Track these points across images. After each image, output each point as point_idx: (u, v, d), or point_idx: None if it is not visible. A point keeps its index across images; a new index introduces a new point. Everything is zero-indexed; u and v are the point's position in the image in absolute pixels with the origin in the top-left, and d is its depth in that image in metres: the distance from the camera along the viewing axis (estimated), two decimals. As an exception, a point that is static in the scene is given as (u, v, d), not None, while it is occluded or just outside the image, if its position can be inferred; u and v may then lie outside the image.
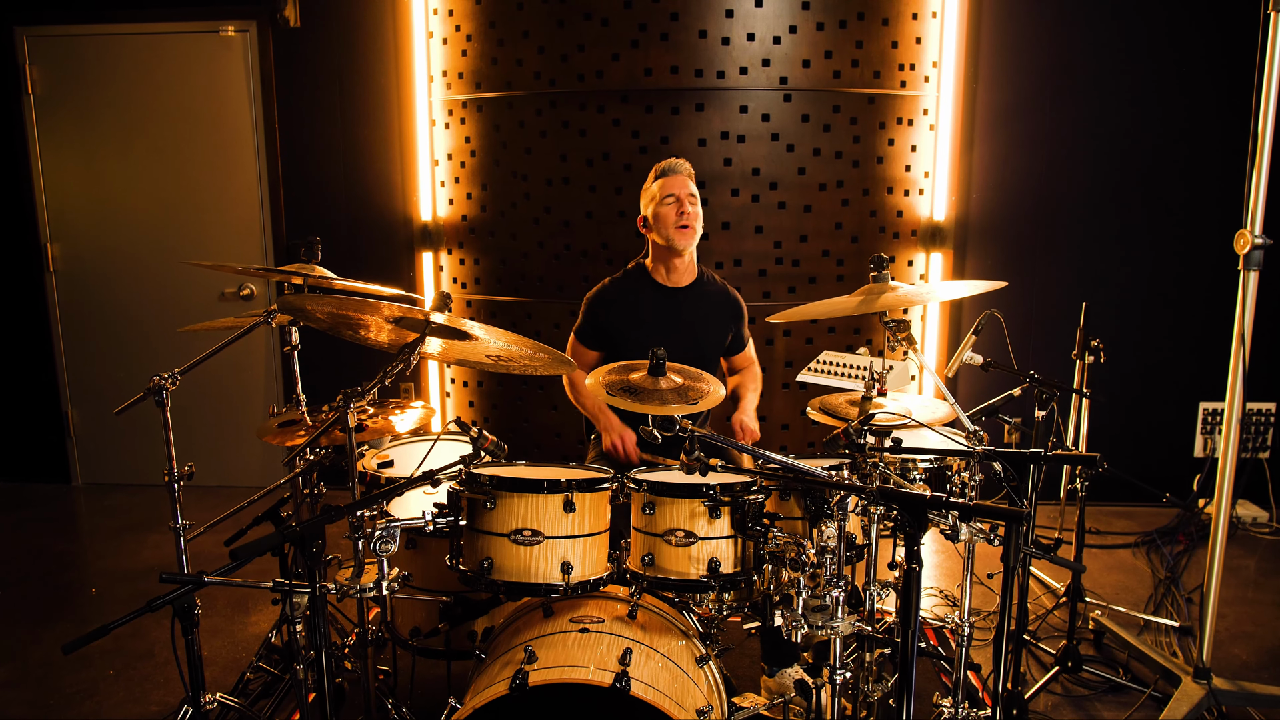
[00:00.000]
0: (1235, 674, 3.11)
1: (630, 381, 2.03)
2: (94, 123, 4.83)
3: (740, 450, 1.97)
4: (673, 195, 2.98)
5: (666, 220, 2.99)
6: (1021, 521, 1.37)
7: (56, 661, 3.21)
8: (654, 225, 3.03)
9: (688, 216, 2.97)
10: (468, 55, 4.29)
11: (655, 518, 2.09)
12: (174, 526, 2.26)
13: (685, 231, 2.98)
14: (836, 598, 1.93)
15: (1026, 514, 1.40)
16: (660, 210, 2.99)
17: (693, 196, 3.00)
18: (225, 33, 4.68)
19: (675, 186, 2.99)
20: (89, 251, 4.98)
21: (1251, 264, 2.60)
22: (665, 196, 2.99)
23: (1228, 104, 4.39)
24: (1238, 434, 2.72)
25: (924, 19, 4.19)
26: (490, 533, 2.07)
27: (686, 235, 2.99)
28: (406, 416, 2.44)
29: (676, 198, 2.98)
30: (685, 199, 2.98)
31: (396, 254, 4.74)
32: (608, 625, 2.13)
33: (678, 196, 2.98)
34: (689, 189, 3.01)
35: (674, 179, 3.01)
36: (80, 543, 4.44)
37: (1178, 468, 4.70)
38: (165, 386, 2.19)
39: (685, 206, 2.97)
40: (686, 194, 2.99)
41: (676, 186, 2.99)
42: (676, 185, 3.00)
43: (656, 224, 3.02)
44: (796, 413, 4.32)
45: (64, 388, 5.10)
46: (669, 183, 3.00)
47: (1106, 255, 4.57)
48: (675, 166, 3.04)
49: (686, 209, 2.97)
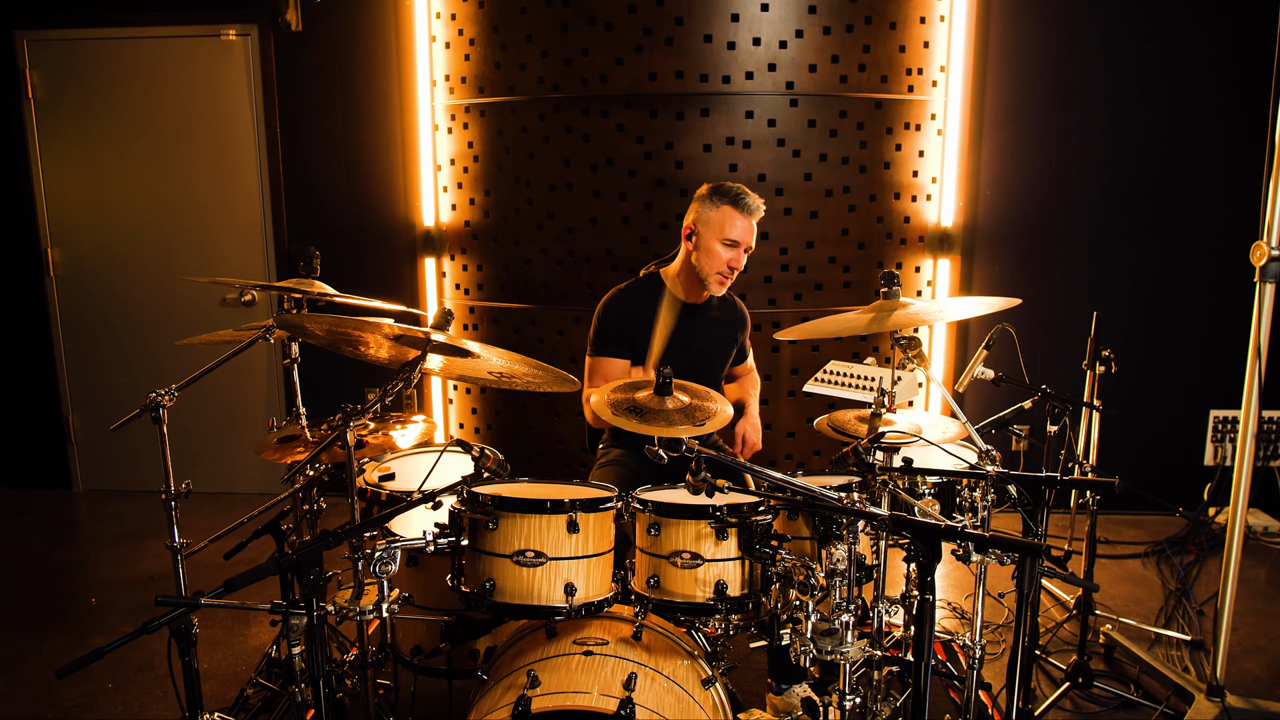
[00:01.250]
0: (1248, 690, 3.06)
1: (636, 401, 1.98)
2: (94, 127, 4.80)
3: (749, 472, 1.92)
4: (736, 242, 2.74)
5: (714, 261, 2.75)
6: (1039, 555, 1.33)
7: (55, 673, 3.17)
8: (699, 249, 2.79)
9: (736, 269, 2.78)
10: (470, 59, 4.25)
11: (661, 539, 2.05)
12: (171, 545, 2.23)
13: (724, 281, 2.80)
14: (846, 622, 1.89)
15: (1045, 548, 1.36)
16: (714, 246, 2.74)
17: (751, 249, 2.78)
18: (226, 37, 4.64)
19: (743, 233, 2.74)
20: (89, 256, 4.95)
21: (1268, 276, 2.56)
22: (728, 238, 2.73)
23: (1239, 109, 4.34)
24: (1253, 450, 2.68)
25: (931, 23, 4.14)
26: (492, 553, 2.03)
27: (723, 285, 2.81)
28: (408, 432, 2.40)
29: (738, 247, 2.75)
30: (742, 253, 2.76)
31: (398, 260, 4.70)
32: (612, 647, 2.09)
33: (739, 246, 2.75)
34: (751, 241, 2.76)
35: (745, 221, 2.73)
36: (80, 551, 4.40)
37: (1188, 476, 4.64)
38: (162, 403, 2.15)
39: (739, 260, 2.76)
40: (748, 244, 2.76)
41: (744, 234, 2.74)
42: (744, 232, 2.74)
43: (702, 253, 2.78)
44: (802, 421, 4.28)
45: (64, 393, 5.07)
46: (739, 224, 2.72)
47: (1116, 261, 4.52)
48: (753, 207, 2.74)
49: (739, 263, 2.76)
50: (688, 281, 2.90)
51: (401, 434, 2.39)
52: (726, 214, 2.73)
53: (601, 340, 2.91)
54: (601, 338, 2.91)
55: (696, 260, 2.81)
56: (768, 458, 4.30)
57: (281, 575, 2.50)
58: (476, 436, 4.63)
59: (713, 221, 2.75)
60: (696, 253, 2.81)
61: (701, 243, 2.78)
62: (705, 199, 2.79)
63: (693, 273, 2.85)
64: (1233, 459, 4.55)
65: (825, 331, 2.18)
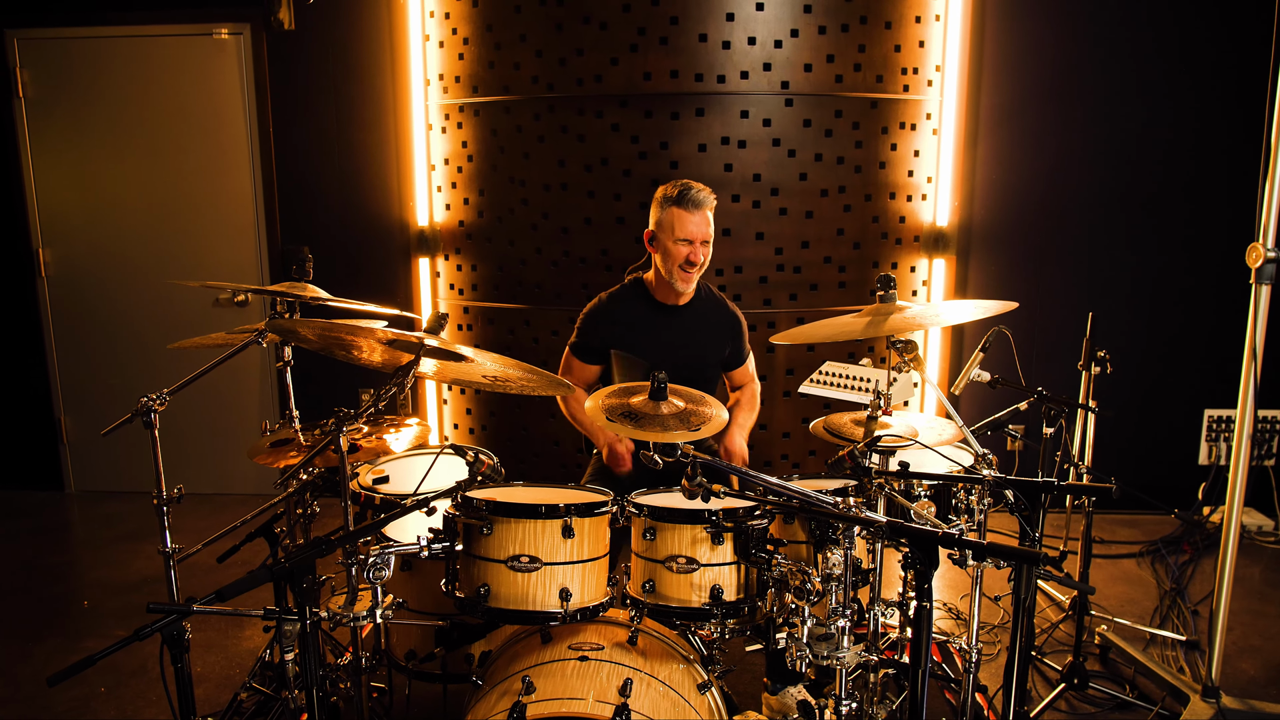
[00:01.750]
0: (1243, 690, 3.07)
1: (631, 406, 1.97)
2: (86, 126, 4.77)
3: (745, 477, 1.91)
4: (688, 239, 2.78)
5: (673, 258, 2.81)
6: (1037, 563, 1.32)
7: (47, 678, 3.16)
8: (659, 252, 2.86)
9: (695, 263, 2.80)
10: (464, 59, 4.23)
11: (656, 543, 2.04)
12: (163, 550, 2.21)
13: (688, 275, 2.82)
14: (842, 627, 1.88)
15: (1042, 556, 1.35)
16: (670, 246, 2.80)
17: (708, 240, 2.81)
18: (218, 35, 4.61)
19: (693, 229, 2.78)
20: (81, 256, 4.92)
21: (1264, 278, 2.55)
22: (680, 237, 2.78)
23: (1238, 108, 4.33)
24: (1249, 451, 2.68)
25: (927, 22, 4.13)
26: (487, 559, 2.02)
27: (688, 279, 2.84)
28: (402, 435, 2.39)
29: (691, 242, 2.78)
30: (699, 246, 2.79)
31: (392, 260, 4.68)
32: (607, 652, 2.08)
33: (693, 241, 2.78)
34: (706, 233, 2.80)
35: (694, 218, 2.77)
36: (73, 553, 4.38)
37: (1182, 475, 4.65)
38: (153, 407, 2.13)
39: (697, 254, 2.79)
40: (701, 239, 2.79)
41: (694, 230, 2.78)
42: (694, 228, 2.78)
43: (662, 255, 2.84)
44: (798, 421, 4.27)
45: (56, 394, 5.04)
46: (687, 222, 2.77)
47: (1111, 260, 4.52)
48: (699, 199, 2.78)
49: (697, 255, 2.79)
50: (661, 284, 2.95)
51: (395, 437, 2.38)
52: (674, 215, 2.80)
53: (580, 343, 3.04)
54: (580, 341, 3.04)
55: (660, 262, 2.89)
56: (763, 458, 4.29)
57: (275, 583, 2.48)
58: (471, 437, 4.62)
59: (665, 224, 2.83)
60: (659, 255, 2.88)
61: (659, 245, 2.86)
62: (658, 204, 2.87)
63: (663, 277, 2.91)
64: (1227, 458, 4.58)
65: (821, 336, 2.17)
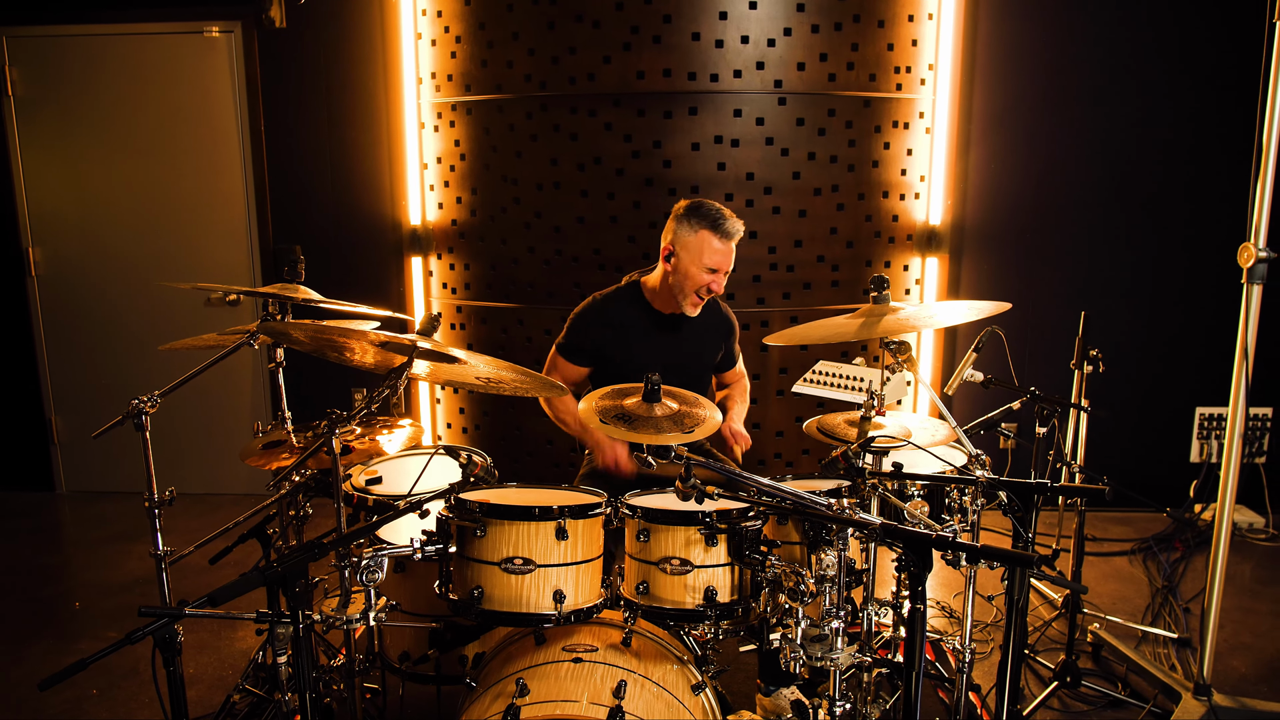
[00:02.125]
0: (1234, 688, 3.08)
1: (624, 408, 1.97)
2: (76, 124, 4.74)
3: (739, 479, 1.91)
4: (716, 269, 2.70)
5: (691, 282, 2.72)
6: (1031, 566, 1.33)
7: (38, 679, 3.14)
8: (677, 272, 2.75)
9: (715, 292, 2.75)
10: (457, 57, 4.22)
11: (650, 545, 2.04)
12: (155, 553, 2.20)
13: (700, 304, 2.78)
14: (836, 629, 1.88)
15: (1036, 559, 1.35)
16: (692, 270, 2.70)
17: (729, 272, 2.74)
18: (209, 33, 4.59)
19: (723, 260, 2.69)
20: (72, 255, 4.89)
21: (1255, 278, 2.56)
22: (709, 265, 2.68)
23: (1234, 105, 4.35)
24: (1240, 450, 2.69)
25: (920, 21, 4.13)
26: (481, 561, 2.02)
27: (699, 307, 2.79)
28: (395, 437, 2.38)
29: (717, 273, 2.70)
30: (721, 276, 2.72)
31: (385, 259, 4.66)
32: (601, 654, 2.08)
33: (719, 272, 2.70)
34: (731, 263, 2.73)
35: (725, 246, 2.68)
36: (64, 554, 4.36)
37: (1174, 472, 4.67)
38: (144, 409, 2.12)
39: (720, 284, 2.72)
40: (726, 270, 2.72)
41: (723, 261, 2.69)
42: (724, 258, 2.69)
43: (681, 276, 2.73)
44: (791, 420, 4.28)
45: (47, 394, 5.02)
46: (718, 250, 2.67)
47: (1104, 259, 4.53)
48: (732, 230, 2.68)
49: (716, 287, 2.72)
50: (665, 297, 2.87)
51: (388, 439, 2.37)
52: (705, 240, 2.67)
53: (569, 343, 2.95)
54: (569, 341, 2.95)
55: (674, 281, 2.78)
56: (757, 457, 4.29)
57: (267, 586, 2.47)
58: (464, 436, 4.61)
59: (691, 246, 2.70)
60: (675, 275, 2.77)
61: (680, 265, 2.73)
62: (683, 219, 2.72)
63: (670, 291, 2.82)
64: (1218, 456, 4.60)
65: (815, 337, 2.17)
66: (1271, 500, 4.46)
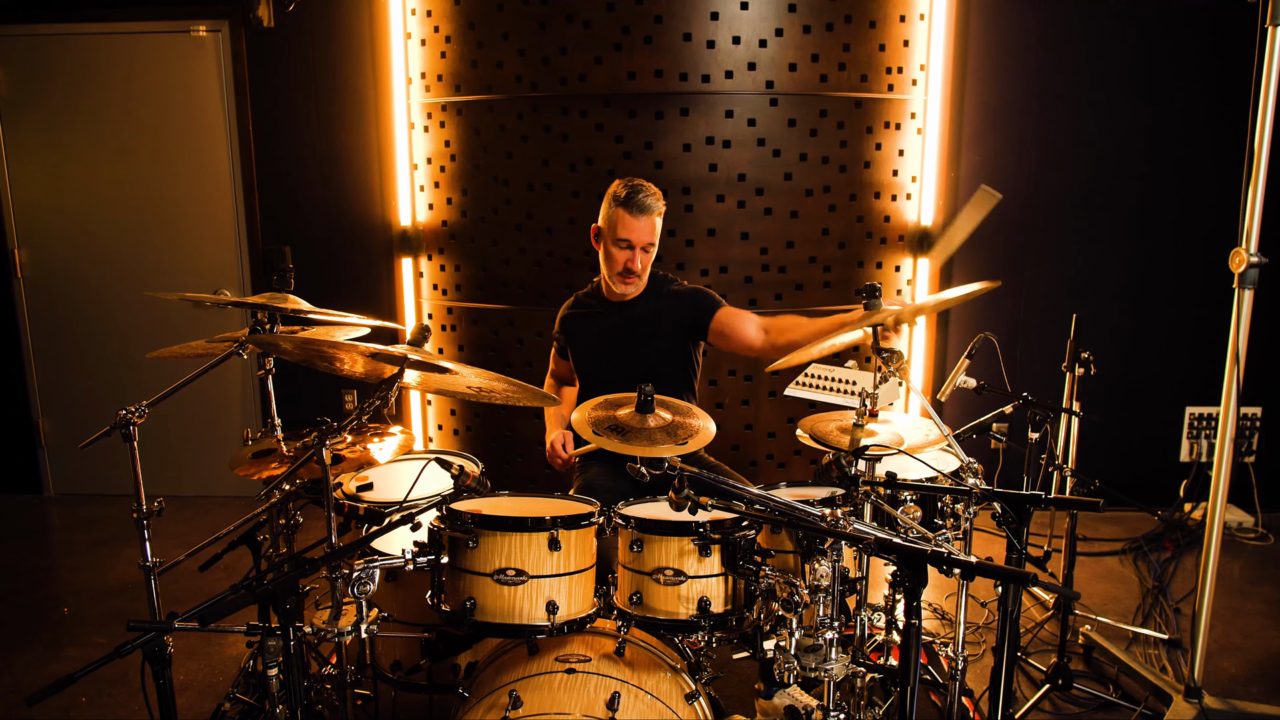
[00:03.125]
0: (1224, 689, 3.10)
1: (617, 419, 1.96)
2: (62, 125, 4.69)
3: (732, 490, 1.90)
4: (628, 241, 2.70)
5: (611, 263, 2.75)
6: (1028, 584, 1.32)
7: (26, 688, 3.12)
8: (602, 253, 2.79)
9: (635, 269, 2.73)
10: (447, 57, 4.19)
11: (643, 555, 2.03)
12: (144, 564, 2.18)
13: (627, 282, 2.77)
14: (830, 639, 1.88)
15: (1032, 577, 1.35)
16: (610, 249, 2.75)
17: (650, 247, 2.73)
18: (196, 33, 4.55)
19: (634, 232, 2.69)
20: (58, 257, 4.85)
21: (1247, 283, 2.56)
22: (620, 238, 2.71)
23: (1222, 109, 4.36)
24: (1231, 454, 2.69)
25: (911, 21, 4.12)
26: (473, 572, 2.01)
27: (627, 285, 2.78)
28: (386, 444, 2.36)
29: (632, 245, 2.71)
30: (639, 251, 2.71)
31: (375, 260, 4.64)
32: (595, 664, 2.07)
33: (633, 244, 2.71)
34: (650, 238, 2.71)
35: (637, 221, 2.68)
36: (52, 558, 4.33)
37: (1164, 472, 4.69)
38: (132, 419, 2.10)
39: (636, 261, 2.72)
40: (645, 243, 2.71)
41: (635, 232, 2.69)
42: (636, 231, 2.69)
43: (602, 256, 2.79)
44: (784, 421, 4.27)
45: (34, 396, 4.97)
46: (630, 224, 2.68)
47: (1095, 260, 4.54)
48: (645, 204, 2.68)
49: (636, 261, 2.72)
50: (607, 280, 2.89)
51: (379, 446, 2.35)
52: (618, 215, 2.72)
53: (556, 337, 3.15)
54: (556, 336, 3.14)
55: (601, 262, 2.84)
56: (749, 458, 4.29)
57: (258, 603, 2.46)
58: (455, 439, 4.60)
59: (609, 223, 2.77)
60: (602, 256, 2.83)
61: (603, 244, 2.80)
62: (607, 200, 2.78)
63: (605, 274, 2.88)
64: (1208, 455, 4.62)
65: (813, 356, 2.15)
66: (1260, 499, 4.48)
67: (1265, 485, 4.50)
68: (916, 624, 1.46)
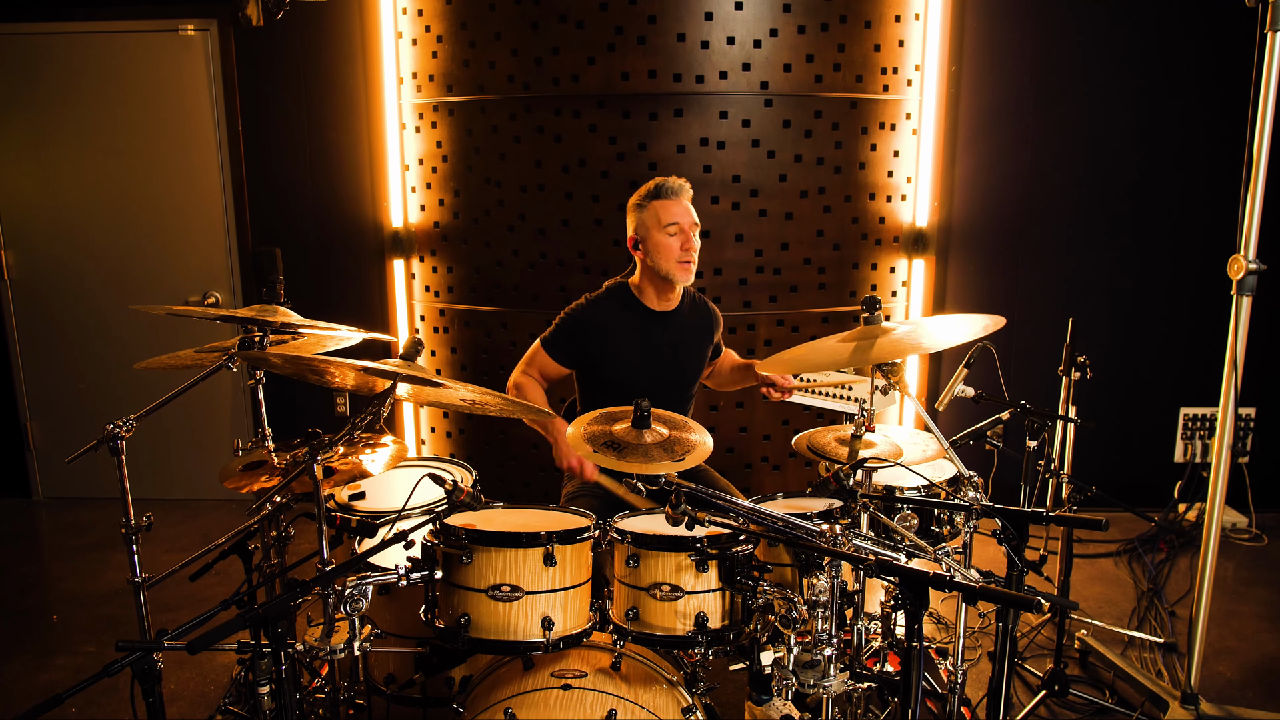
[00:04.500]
0: (1220, 694, 3.10)
1: (614, 435, 1.93)
2: (48, 125, 4.63)
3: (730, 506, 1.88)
4: (676, 224, 2.73)
5: (668, 252, 2.74)
6: (1033, 609, 1.30)
7: (15, 699, 3.09)
8: (650, 252, 2.79)
9: (691, 250, 2.75)
10: (438, 57, 4.15)
11: (640, 570, 2.01)
12: (133, 581, 2.15)
13: (687, 266, 2.77)
14: (829, 655, 1.86)
15: (1036, 602, 1.33)
16: (661, 239, 2.74)
17: (696, 225, 2.77)
18: (184, 31, 4.49)
19: (679, 214, 2.74)
20: (45, 258, 4.79)
21: (1245, 290, 2.55)
22: (669, 224, 2.73)
23: (1217, 108, 4.34)
24: (1228, 465, 2.68)
25: (907, 21, 4.09)
26: (467, 588, 1.98)
27: (688, 270, 2.78)
28: (378, 456, 2.33)
29: (681, 228, 2.73)
30: (689, 229, 2.74)
31: (367, 261, 4.60)
32: (590, 680, 2.05)
33: (682, 227, 2.73)
34: (693, 216, 2.76)
35: (676, 204, 2.74)
36: (41, 563, 4.29)
37: (1159, 472, 4.69)
38: (120, 434, 2.07)
39: (690, 239, 2.74)
40: (690, 223, 2.75)
41: (680, 214, 2.74)
42: (680, 213, 2.74)
43: (654, 253, 2.77)
44: (778, 423, 4.25)
45: (22, 399, 4.92)
46: (672, 209, 2.73)
47: (1090, 260, 4.53)
48: (676, 189, 2.76)
49: (691, 242, 2.74)
50: (653, 288, 2.88)
51: (371, 458, 2.32)
52: (657, 207, 2.76)
53: (554, 340, 2.93)
54: (558, 338, 2.93)
55: (654, 262, 2.81)
56: (743, 460, 4.27)
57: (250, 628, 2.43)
58: (448, 441, 4.56)
59: (649, 221, 2.78)
60: (650, 256, 2.81)
61: (649, 243, 2.79)
62: (636, 208, 2.83)
63: (656, 277, 2.84)
64: (1203, 456, 4.61)
65: (807, 365, 2.13)
66: (1254, 500, 4.48)
67: (1259, 486, 4.50)
68: (919, 647, 1.44)
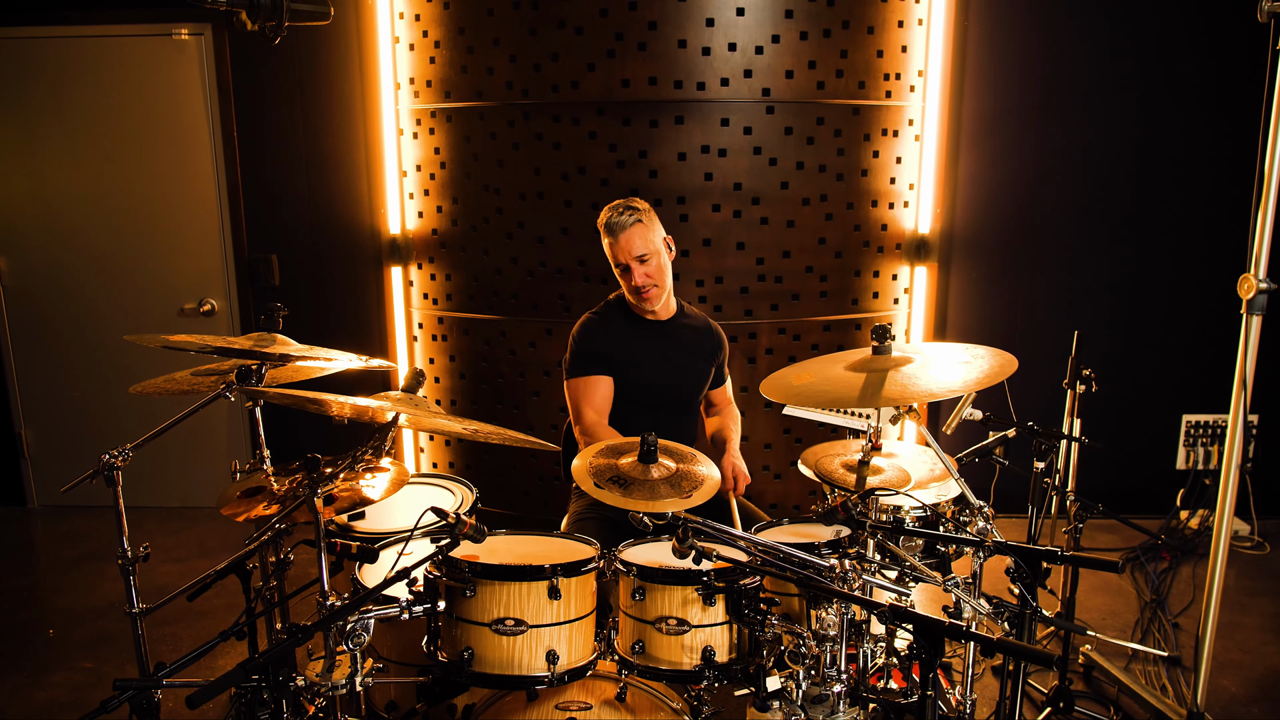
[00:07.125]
0: (1225, 709, 3.08)
1: (620, 470, 1.90)
2: (41, 130, 4.58)
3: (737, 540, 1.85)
4: (621, 264, 2.74)
5: (624, 286, 2.80)
6: (1053, 666, 1.28)
7: (12, 718, 3.06)
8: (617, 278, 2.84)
9: (644, 285, 2.73)
10: (436, 62, 4.09)
11: (646, 604, 1.98)
12: (129, 611, 2.12)
13: (647, 296, 2.76)
14: (838, 692, 1.83)
15: (1057, 658, 1.30)
16: (618, 278, 2.80)
17: (641, 260, 2.71)
18: (179, 36, 4.43)
19: (621, 253, 2.72)
20: (39, 265, 4.74)
21: (1255, 309, 2.52)
22: (616, 264, 2.77)
23: (1219, 115, 4.32)
24: (1236, 483, 2.66)
25: (910, 27, 4.05)
26: (471, 621, 1.95)
27: (650, 299, 2.77)
28: (378, 481, 2.29)
29: (626, 268, 2.73)
30: (634, 267, 2.71)
31: (364, 268, 4.55)
32: (596, 712, 2.03)
33: (627, 266, 2.72)
34: (638, 250, 2.70)
35: (618, 244, 2.71)
36: (36, 575, 4.25)
37: (1160, 479, 4.67)
38: (115, 464, 2.03)
39: (635, 278, 2.72)
40: (633, 259, 2.70)
41: (623, 254, 2.72)
42: (622, 252, 2.71)
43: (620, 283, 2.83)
44: (780, 432, 4.23)
45: (16, 408, 4.87)
46: (615, 250, 2.73)
47: (1093, 267, 4.51)
48: (617, 224, 2.70)
49: (636, 280, 2.72)
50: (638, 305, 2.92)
51: (371, 483, 2.28)
52: (606, 245, 2.78)
53: (581, 360, 2.88)
54: (580, 358, 2.88)
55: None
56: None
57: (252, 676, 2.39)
58: (446, 450, 4.53)
59: (606, 254, 2.81)
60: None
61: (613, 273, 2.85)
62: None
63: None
64: (1205, 463, 4.60)
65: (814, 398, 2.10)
66: (1256, 507, 4.46)
67: (1261, 492, 4.48)
68: (933, 696, 1.41)
